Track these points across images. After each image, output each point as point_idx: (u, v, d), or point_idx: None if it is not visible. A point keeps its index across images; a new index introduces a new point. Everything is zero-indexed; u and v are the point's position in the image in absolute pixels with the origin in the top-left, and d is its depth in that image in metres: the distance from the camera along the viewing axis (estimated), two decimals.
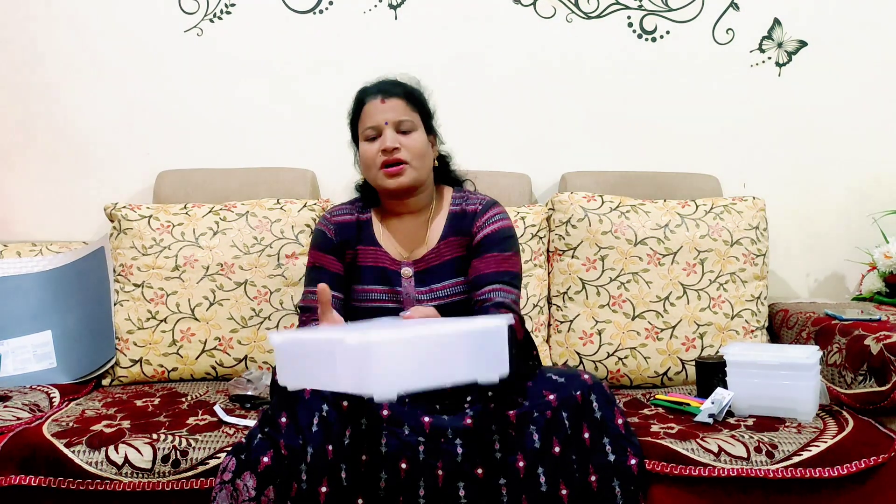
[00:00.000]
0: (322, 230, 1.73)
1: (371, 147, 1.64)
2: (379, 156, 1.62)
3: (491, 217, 1.68)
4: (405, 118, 1.63)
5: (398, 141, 1.62)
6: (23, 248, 2.20)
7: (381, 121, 1.62)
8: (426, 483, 1.40)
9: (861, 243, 2.40)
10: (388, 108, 1.63)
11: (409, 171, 1.63)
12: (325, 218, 1.75)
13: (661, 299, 2.06)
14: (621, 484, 1.46)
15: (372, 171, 1.65)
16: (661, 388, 2.03)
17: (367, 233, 1.72)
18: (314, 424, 1.45)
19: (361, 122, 1.66)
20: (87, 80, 2.39)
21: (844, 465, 1.52)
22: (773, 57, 2.43)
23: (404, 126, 1.63)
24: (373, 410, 1.43)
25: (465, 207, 1.71)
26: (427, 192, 1.71)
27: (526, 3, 2.41)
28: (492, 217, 1.69)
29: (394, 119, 1.63)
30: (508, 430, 1.42)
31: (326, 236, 1.72)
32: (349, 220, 1.73)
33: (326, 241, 1.72)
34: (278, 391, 1.50)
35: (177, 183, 2.29)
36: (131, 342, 2.03)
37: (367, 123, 1.64)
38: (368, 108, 1.65)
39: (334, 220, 1.73)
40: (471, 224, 1.69)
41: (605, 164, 2.40)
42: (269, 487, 1.46)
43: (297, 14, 2.40)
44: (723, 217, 2.13)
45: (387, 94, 1.64)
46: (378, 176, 1.64)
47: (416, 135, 1.64)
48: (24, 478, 1.52)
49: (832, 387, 1.78)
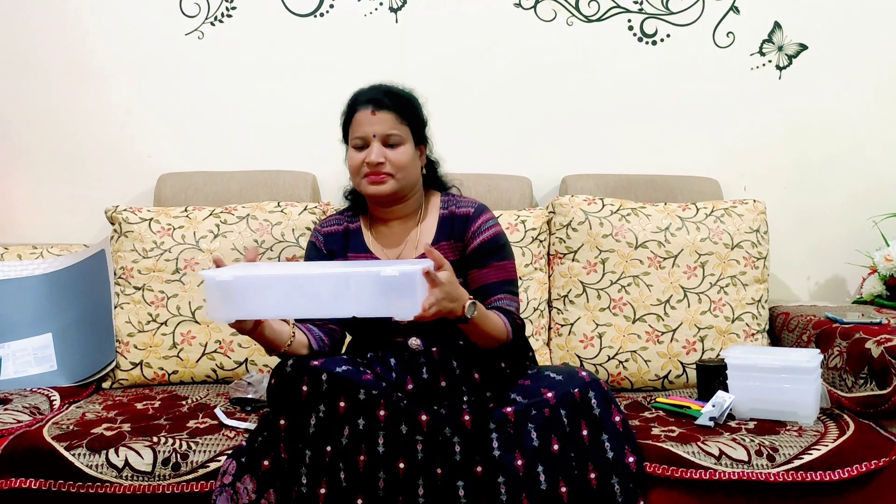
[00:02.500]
0: (312, 241, 1.76)
1: (358, 155, 1.66)
2: (364, 166, 1.64)
3: (484, 223, 1.69)
4: (393, 132, 1.64)
5: (384, 154, 1.63)
6: (23, 251, 2.21)
7: (369, 133, 1.64)
8: (425, 482, 1.40)
9: (862, 246, 2.40)
10: (376, 121, 1.64)
11: (391, 182, 1.64)
12: (316, 229, 1.78)
13: (661, 302, 2.06)
14: (620, 481, 1.46)
15: (356, 178, 1.68)
16: (662, 392, 2.02)
17: (357, 241, 1.73)
18: (311, 426, 1.45)
19: (352, 128, 1.68)
20: (89, 82, 2.39)
21: (845, 469, 1.52)
22: (774, 60, 2.44)
23: (392, 140, 1.64)
24: (370, 410, 1.44)
25: (455, 210, 1.72)
26: (415, 197, 1.72)
27: (527, 6, 2.41)
28: (485, 223, 1.69)
29: (382, 132, 1.64)
30: (507, 429, 1.43)
31: (316, 247, 1.75)
32: (337, 231, 1.75)
33: (315, 252, 1.74)
34: (274, 396, 1.51)
35: (177, 186, 2.29)
36: (132, 345, 2.03)
37: (356, 132, 1.66)
38: (359, 116, 1.66)
39: (323, 231, 1.76)
40: (463, 228, 1.69)
41: (606, 167, 2.40)
42: (269, 490, 1.46)
43: (298, 17, 2.40)
44: (723, 220, 2.13)
45: (378, 105, 1.65)
46: (361, 183, 1.67)
47: (402, 148, 1.65)
48: (25, 481, 1.52)
49: (833, 390, 1.78)
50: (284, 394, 1.49)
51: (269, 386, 1.52)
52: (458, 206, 1.73)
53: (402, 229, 1.72)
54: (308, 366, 1.49)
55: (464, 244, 1.68)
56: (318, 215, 2.15)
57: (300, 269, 1.48)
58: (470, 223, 1.69)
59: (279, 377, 1.50)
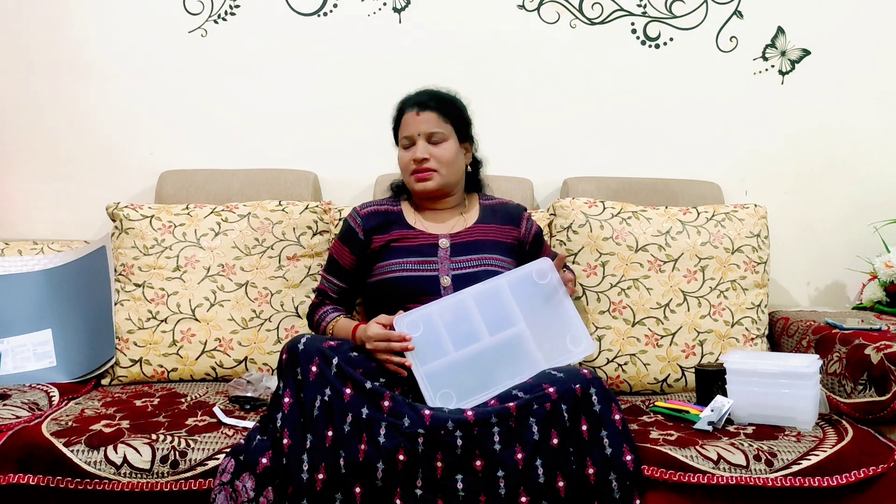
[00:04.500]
0: (349, 223, 1.88)
1: (406, 154, 1.84)
2: (411, 163, 1.82)
3: (530, 217, 1.96)
4: (437, 130, 1.81)
5: (428, 151, 1.81)
6: (24, 247, 2.20)
7: (414, 132, 1.82)
8: (425, 474, 1.41)
9: (862, 252, 2.40)
10: (421, 121, 1.81)
11: (437, 177, 1.82)
12: (355, 210, 1.90)
13: (661, 306, 2.06)
14: (617, 478, 1.48)
15: (405, 175, 1.86)
16: (661, 395, 2.02)
17: (401, 221, 1.87)
18: (315, 408, 1.47)
19: (400, 130, 1.86)
20: (91, 79, 2.39)
21: (843, 475, 1.52)
22: (776, 65, 2.44)
23: (435, 137, 1.81)
24: (375, 400, 1.45)
25: (500, 201, 1.96)
26: (459, 194, 1.91)
27: (530, 8, 2.41)
28: (530, 217, 1.96)
29: (426, 131, 1.81)
30: (508, 423, 1.44)
31: (351, 229, 1.86)
32: (378, 210, 1.88)
33: (349, 234, 1.87)
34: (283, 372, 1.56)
35: (179, 183, 2.29)
36: (131, 342, 2.03)
37: (403, 133, 1.84)
38: (405, 118, 1.84)
39: (362, 213, 1.88)
40: (516, 218, 1.92)
41: (607, 170, 2.40)
42: (267, 489, 1.47)
43: (302, 16, 2.41)
44: (724, 224, 2.13)
45: (422, 106, 1.82)
46: (409, 180, 1.85)
47: (446, 145, 1.82)
48: (23, 477, 1.52)
49: (832, 396, 1.78)
50: (294, 372, 1.52)
51: (279, 361, 1.58)
52: (502, 201, 1.97)
53: (448, 213, 1.89)
54: (321, 348, 1.54)
55: (517, 229, 1.90)
56: (319, 214, 2.15)
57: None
58: (522, 214, 1.94)
59: (291, 354, 1.54)
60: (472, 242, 1.83)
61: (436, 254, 1.80)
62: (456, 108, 1.86)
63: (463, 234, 1.84)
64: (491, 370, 1.60)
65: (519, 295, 1.67)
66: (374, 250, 1.83)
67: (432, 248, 1.81)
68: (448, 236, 1.83)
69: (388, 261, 1.80)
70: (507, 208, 1.94)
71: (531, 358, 1.63)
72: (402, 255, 1.80)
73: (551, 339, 1.66)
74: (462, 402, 1.55)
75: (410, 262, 1.78)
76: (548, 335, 1.67)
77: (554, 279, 1.70)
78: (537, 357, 1.63)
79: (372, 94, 2.37)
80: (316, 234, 2.12)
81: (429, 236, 1.83)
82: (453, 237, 1.83)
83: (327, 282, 1.89)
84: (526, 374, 1.59)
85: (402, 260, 1.79)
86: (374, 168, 2.30)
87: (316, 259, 2.11)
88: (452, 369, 1.60)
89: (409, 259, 1.79)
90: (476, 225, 1.87)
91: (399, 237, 1.83)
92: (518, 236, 1.90)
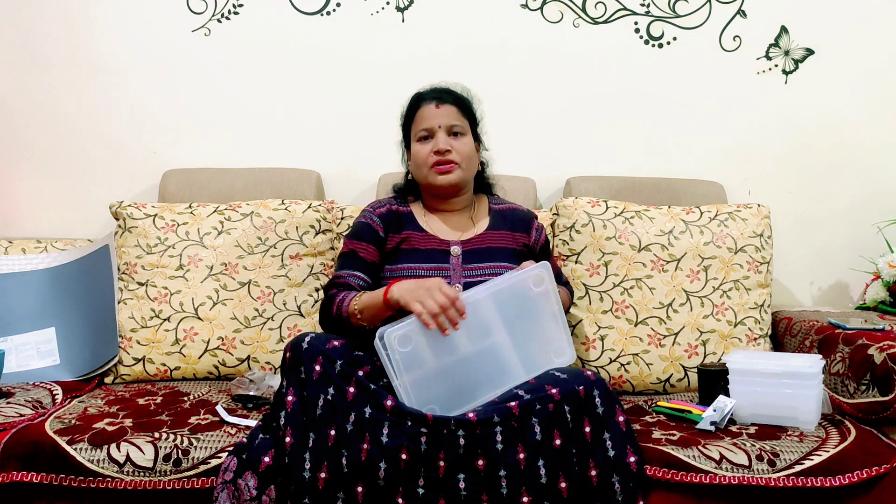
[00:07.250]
0: (366, 222, 1.81)
1: (424, 147, 1.77)
2: (431, 156, 1.75)
3: (541, 227, 1.92)
4: (457, 123, 1.77)
5: (449, 144, 1.75)
6: (28, 245, 2.21)
7: (434, 124, 1.76)
8: (427, 474, 1.41)
9: (865, 252, 2.39)
10: (441, 114, 1.77)
11: (458, 171, 1.76)
12: (368, 211, 1.84)
13: (664, 306, 2.06)
14: (620, 480, 1.47)
15: (423, 170, 1.78)
16: (663, 395, 2.02)
17: (412, 222, 1.82)
18: (319, 407, 1.47)
19: (415, 124, 1.79)
20: (94, 78, 2.40)
21: (846, 475, 1.52)
22: (780, 64, 2.43)
23: (456, 130, 1.77)
24: (378, 400, 1.45)
25: (511, 206, 1.91)
26: (468, 194, 1.87)
27: (533, 7, 2.41)
28: (541, 227, 1.92)
29: (447, 123, 1.76)
30: (511, 423, 1.44)
31: (370, 227, 1.80)
32: (391, 209, 1.83)
33: (368, 231, 1.79)
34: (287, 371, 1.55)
35: (182, 182, 2.30)
36: (134, 340, 2.04)
37: (420, 126, 1.78)
38: (423, 111, 1.78)
39: (378, 212, 1.82)
40: (526, 225, 1.88)
41: (610, 170, 2.40)
42: (270, 487, 1.47)
43: (305, 15, 2.41)
44: (727, 224, 2.13)
45: (441, 100, 1.78)
46: (429, 174, 1.77)
47: (466, 139, 1.78)
48: (26, 474, 1.53)
49: (835, 396, 1.78)
50: (297, 370, 1.52)
51: (282, 360, 1.57)
52: (511, 205, 1.92)
53: (457, 217, 1.85)
54: (325, 348, 1.53)
55: (526, 236, 1.87)
56: (322, 213, 2.15)
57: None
58: (532, 221, 1.90)
59: (294, 353, 1.54)
60: (484, 250, 1.80)
61: (448, 261, 1.77)
62: (470, 104, 1.84)
63: (475, 240, 1.81)
64: (473, 381, 1.54)
65: (506, 304, 1.58)
66: (388, 251, 1.79)
67: (444, 254, 1.77)
68: (459, 243, 1.79)
69: (399, 264, 1.76)
70: (517, 214, 1.90)
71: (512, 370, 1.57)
72: (413, 260, 1.76)
73: (535, 348, 1.61)
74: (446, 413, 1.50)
75: (423, 267, 1.75)
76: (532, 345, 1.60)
77: (550, 287, 1.62)
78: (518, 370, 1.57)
79: (375, 94, 2.37)
80: (319, 234, 2.13)
81: (440, 241, 1.79)
82: (465, 244, 1.79)
83: (351, 276, 1.75)
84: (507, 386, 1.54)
85: (413, 265, 1.75)
86: (378, 167, 2.30)
87: (319, 258, 2.11)
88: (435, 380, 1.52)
89: (422, 265, 1.75)
90: (487, 232, 1.83)
91: (410, 238, 1.79)
92: (528, 242, 1.87)
